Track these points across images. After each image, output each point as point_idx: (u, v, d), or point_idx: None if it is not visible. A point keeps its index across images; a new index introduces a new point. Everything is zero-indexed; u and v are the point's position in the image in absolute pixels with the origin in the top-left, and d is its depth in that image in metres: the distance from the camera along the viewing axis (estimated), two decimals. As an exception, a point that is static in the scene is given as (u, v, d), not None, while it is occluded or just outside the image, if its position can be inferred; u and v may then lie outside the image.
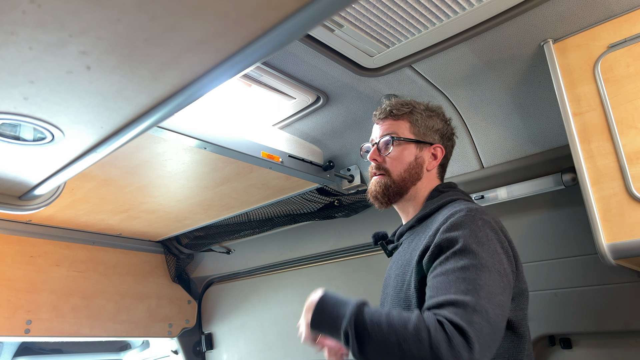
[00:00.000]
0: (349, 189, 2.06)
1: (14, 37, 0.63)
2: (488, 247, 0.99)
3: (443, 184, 1.29)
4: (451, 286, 0.93)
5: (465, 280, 0.92)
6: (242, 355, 2.86)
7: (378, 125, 1.34)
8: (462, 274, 0.94)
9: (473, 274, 0.93)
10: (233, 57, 0.70)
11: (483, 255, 0.97)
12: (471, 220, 1.03)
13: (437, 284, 0.96)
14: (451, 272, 0.95)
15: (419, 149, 1.27)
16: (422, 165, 1.27)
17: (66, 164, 1.08)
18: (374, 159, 1.29)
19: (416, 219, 1.22)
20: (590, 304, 1.59)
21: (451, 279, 0.94)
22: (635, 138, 1.16)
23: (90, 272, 2.48)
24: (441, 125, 1.32)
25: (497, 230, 1.05)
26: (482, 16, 1.26)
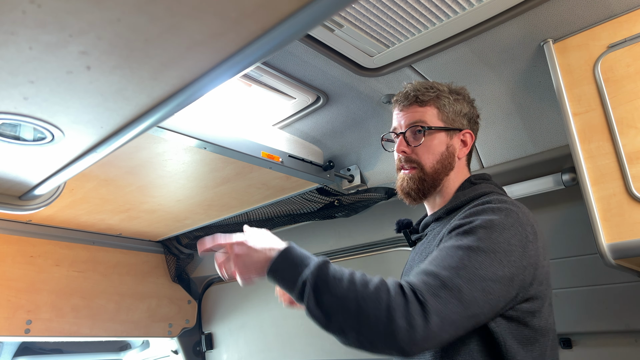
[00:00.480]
0: (349, 189, 2.06)
1: (14, 37, 0.63)
2: (499, 235, 0.93)
3: (476, 175, 1.21)
4: (437, 261, 0.90)
5: (452, 258, 0.89)
6: (242, 355, 2.86)
7: (402, 112, 1.21)
8: (454, 252, 0.91)
9: (464, 253, 0.90)
10: (233, 57, 0.70)
11: (485, 239, 0.91)
12: (494, 209, 0.98)
13: (431, 258, 0.93)
14: (445, 249, 0.92)
15: (449, 137, 1.18)
16: (454, 154, 1.18)
17: (66, 164, 1.08)
18: (402, 150, 1.18)
19: (445, 211, 1.15)
20: (590, 304, 1.59)
21: (442, 255, 0.91)
22: (635, 138, 1.16)
23: (90, 272, 2.48)
24: (468, 108, 1.23)
25: (523, 224, 0.98)
26: (482, 16, 1.26)
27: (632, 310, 1.51)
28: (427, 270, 0.89)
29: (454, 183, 1.20)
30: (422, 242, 1.21)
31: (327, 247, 2.42)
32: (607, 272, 1.54)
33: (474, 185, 1.17)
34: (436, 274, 0.87)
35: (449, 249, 0.92)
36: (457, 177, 1.20)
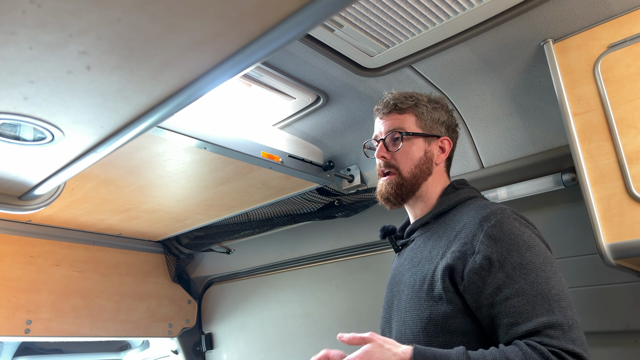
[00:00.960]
0: (349, 189, 2.06)
1: (14, 37, 0.63)
2: (538, 248, 1.00)
3: (457, 181, 1.25)
4: (534, 307, 0.93)
5: (543, 296, 0.93)
6: (242, 355, 2.86)
7: (382, 120, 1.27)
8: (535, 289, 0.94)
9: (544, 285, 0.94)
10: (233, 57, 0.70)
11: (540, 262, 0.97)
12: (509, 223, 1.02)
13: (515, 307, 0.94)
14: (523, 292, 0.94)
15: (427, 143, 1.23)
16: (431, 160, 1.23)
17: (66, 164, 1.08)
18: (382, 156, 1.23)
19: (432, 216, 1.19)
20: (590, 304, 1.59)
21: (529, 299, 0.93)
22: (635, 138, 1.16)
23: (90, 272, 2.48)
24: (446, 117, 1.27)
25: (529, 226, 1.05)
26: (482, 16, 1.26)
27: (632, 310, 1.51)
28: (543, 324, 0.91)
29: (434, 188, 1.23)
30: (410, 247, 1.22)
31: (327, 247, 2.42)
32: (607, 272, 1.54)
33: (457, 190, 1.22)
34: (556, 322, 0.91)
35: (527, 291, 0.94)
36: (436, 183, 1.24)
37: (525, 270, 0.96)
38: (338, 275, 2.43)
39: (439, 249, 1.09)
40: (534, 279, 0.95)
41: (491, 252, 0.99)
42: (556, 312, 0.91)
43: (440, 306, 1.04)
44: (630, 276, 1.49)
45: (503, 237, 1.00)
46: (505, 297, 0.95)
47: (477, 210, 1.08)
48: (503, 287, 0.96)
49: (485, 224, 1.03)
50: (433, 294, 1.05)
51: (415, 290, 1.11)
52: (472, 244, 1.02)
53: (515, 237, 1.00)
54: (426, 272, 1.09)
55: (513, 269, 0.96)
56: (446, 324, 1.03)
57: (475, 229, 1.04)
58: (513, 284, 0.95)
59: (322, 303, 2.48)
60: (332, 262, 2.46)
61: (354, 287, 2.36)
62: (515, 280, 0.96)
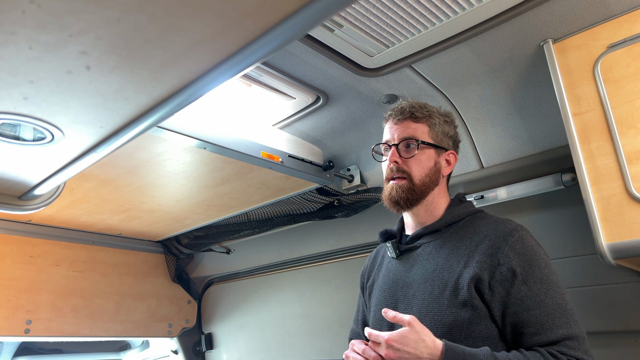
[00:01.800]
0: (348, 189, 2.06)
1: (13, 37, 0.63)
2: (551, 266, 1.11)
3: (461, 194, 1.32)
4: (554, 320, 1.03)
5: (561, 310, 1.04)
6: (242, 355, 2.86)
7: (396, 125, 1.28)
8: (554, 303, 1.05)
9: (560, 300, 1.06)
10: (233, 57, 0.70)
11: (555, 279, 1.09)
12: (529, 240, 1.13)
13: (537, 318, 1.04)
14: (544, 305, 1.05)
15: (437, 154, 1.27)
16: (439, 171, 1.27)
17: (66, 164, 1.08)
18: (394, 161, 1.25)
19: (443, 224, 1.23)
20: (590, 304, 1.59)
21: (549, 312, 1.04)
22: (634, 138, 1.16)
23: (90, 272, 2.48)
24: (453, 132, 1.33)
25: (539, 244, 1.15)
26: (482, 16, 1.26)
27: (632, 310, 1.51)
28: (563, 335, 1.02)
29: (440, 199, 1.28)
30: (417, 254, 1.23)
31: (327, 247, 2.42)
32: (607, 272, 1.54)
33: (463, 202, 1.29)
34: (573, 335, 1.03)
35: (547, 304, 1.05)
36: (441, 193, 1.29)
37: (545, 285, 1.06)
38: (338, 275, 2.43)
39: (460, 257, 1.14)
40: (553, 294, 1.06)
41: (515, 265, 1.08)
42: (572, 325, 1.03)
43: (465, 312, 1.08)
44: (630, 276, 1.49)
45: (525, 253, 1.09)
46: (527, 308, 1.05)
47: (498, 224, 1.16)
48: (526, 299, 1.05)
49: (510, 239, 1.11)
50: (457, 300, 1.09)
51: (435, 297, 1.13)
52: (496, 256, 1.10)
53: (535, 254, 1.10)
54: (447, 279, 1.13)
55: (534, 282, 1.06)
56: (470, 329, 1.08)
57: (499, 242, 1.11)
58: (535, 296, 1.05)
59: (321, 303, 2.48)
60: (331, 262, 2.46)
61: (354, 287, 2.36)
62: (537, 293, 1.05)
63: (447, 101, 1.62)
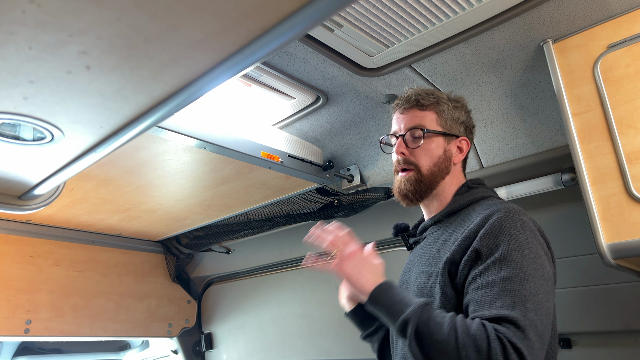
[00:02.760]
0: (348, 189, 2.06)
1: (13, 37, 0.63)
2: (529, 252, 0.97)
3: (472, 180, 1.25)
4: (496, 299, 0.92)
5: (510, 293, 0.91)
6: (242, 355, 2.86)
7: (402, 115, 1.24)
8: (506, 285, 0.93)
9: (517, 284, 0.92)
10: (233, 57, 0.70)
11: (524, 263, 0.95)
12: (510, 222, 1.01)
13: (481, 297, 0.94)
14: (494, 284, 0.94)
15: (446, 142, 1.22)
16: (450, 159, 1.22)
17: (66, 163, 1.08)
18: (401, 152, 1.21)
19: (444, 214, 1.19)
20: (589, 304, 1.59)
21: (495, 292, 0.93)
22: (634, 138, 1.16)
23: (89, 271, 2.48)
24: (465, 117, 1.27)
25: (535, 232, 1.04)
26: (482, 16, 1.26)
27: (632, 310, 1.51)
28: (499, 315, 0.90)
29: (451, 187, 1.23)
30: (421, 245, 1.23)
31: (326, 247, 2.42)
32: (606, 272, 1.54)
33: (471, 189, 1.22)
34: (512, 317, 0.89)
35: (497, 284, 0.94)
36: (453, 182, 1.24)
37: (502, 265, 0.95)
38: (338, 275, 2.43)
39: (448, 248, 1.10)
40: (508, 275, 0.93)
41: (481, 245, 1.00)
42: (516, 309, 0.90)
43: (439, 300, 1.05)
44: (630, 276, 1.49)
45: (497, 234, 1.00)
46: (476, 287, 0.97)
47: (486, 209, 1.09)
48: (477, 278, 0.97)
49: (489, 220, 1.03)
50: (435, 289, 1.07)
51: (420, 287, 1.12)
52: (472, 239, 1.03)
53: (509, 235, 0.99)
54: (432, 269, 1.11)
55: (493, 262, 0.96)
56: None
57: (479, 226, 1.04)
58: (487, 275, 0.96)
59: (321, 303, 2.48)
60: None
61: (354, 287, 2.36)
62: (490, 272, 0.96)
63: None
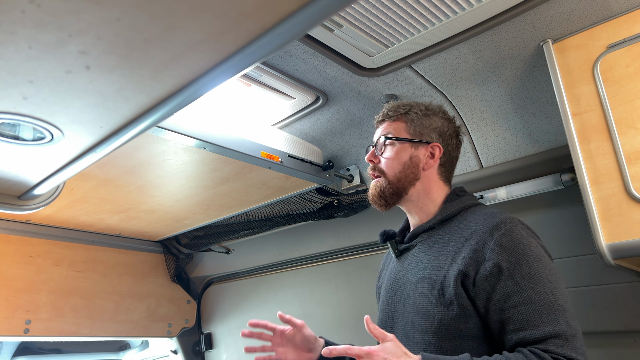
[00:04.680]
0: (348, 189, 2.06)
1: (13, 37, 0.63)
2: (544, 260, 1.04)
3: (458, 188, 1.28)
4: (541, 316, 0.97)
5: (550, 306, 0.98)
6: (242, 355, 2.86)
7: (377, 128, 1.34)
8: (542, 299, 0.98)
9: (551, 296, 0.99)
10: (232, 57, 0.70)
11: (547, 272, 1.02)
12: (519, 233, 1.06)
13: (523, 315, 0.98)
14: (532, 301, 0.99)
15: (414, 148, 1.25)
16: (417, 165, 1.24)
17: (65, 163, 1.08)
18: (370, 159, 1.29)
19: (437, 221, 1.20)
20: (589, 304, 1.59)
21: (536, 308, 0.98)
22: (634, 138, 1.16)
23: (89, 271, 2.48)
24: (440, 123, 1.28)
25: (536, 237, 1.09)
26: (482, 16, 1.26)
27: (631, 310, 1.51)
28: (549, 333, 0.96)
29: (431, 195, 1.25)
30: (413, 252, 1.23)
31: (326, 247, 2.42)
32: (606, 272, 1.54)
33: (460, 197, 1.24)
34: (561, 332, 0.95)
35: (534, 300, 0.99)
36: (432, 189, 1.25)
37: (533, 280, 1.00)
38: (337, 275, 2.43)
39: (447, 255, 1.11)
40: (542, 289, 0.99)
41: (501, 260, 1.02)
42: (561, 322, 0.96)
43: (452, 311, 1.05)
44: (630, 276, 1.49)
45: (513, 247, 1.03)
46: (513, 305, 0.99)
47: (487, 218, 1.11)
48: (512, 295, 1.00)
49: (496, 233, 1.05)
50: (444, 299, 1.07)
51: (424, 296, 1.11)
52: (482, 251, 1.05)
53: (524, 247, 1.03)
54: (435, 277, 1.11)
55: (522, 278, 1.00)
56: (457, 328, 1.05)
57: (485, 237, 1.06)
58: (521, 292, 0.99)
59: (321, 303, 2.48)
60: (331, 262, 2.46)
61: (353, 287, 2.36)
62: (523, 289, 1.00)
63: (447, 101, 1.62)
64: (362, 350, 0.95)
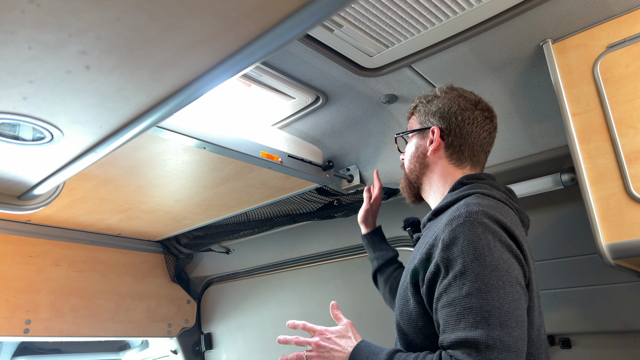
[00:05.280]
0: (348, 189, 2.06)
1: (13, 37, 0.63)
2: (491, 259, 0.92)
3: (468, 176, 1.16)
4: (460, 320, 0.89)
5: (473, 311, 0.88)
6: (241, 355, 2.86)
7: None
8: (468, 302, 0.89)
9: (479, 299, 0.88)
10: (232, 57, 0.70)
11: (485, 274, 0.90)
12: (469, 229, 0.95)
13: (445, 317, 0.93)
14: (456, 302, 0.91)
15: (419, 138, 1.26)
16: (424, 154, 1.23)
17: (65, 163, 1.08)
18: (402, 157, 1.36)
19: (433, 212, 1.17)
20: (589, 304, 1.59)
21: (458, 311, 0.90)
22: (634, 138, 1.16)
23: (89, 271, 2.48)
24: (441, 104, 1.22)
25: (500, 233, 0.96)
26: (482, 16, 1.26)
27: (631, 310, 1.51)
28: (460, 339, 0.88)
29: (442, 182, 1.21)
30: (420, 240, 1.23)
31: (326, 247, 2.42)
32: (606, 272, 1.54)
33: (464, 185, 1.15)
34: (472, 339, 0.86)
35: (459, 302, 0.91)
36: (443, 176, 1.20)
37: (464, 281, 0.91)
38: (337, 275, 2.43)
39: (422, 248, 1.07)
40: (470, 291, 0.90)
41: (441, 258, 0.96)
42: (479, 328, 0.86)
43: (408, 307, 1.07)
44: (629, 276, 1.49)
45: (455, 243, 0.95)
46: (442, 305, 0.94)
47: (452, 212, 1.03)
48: (443, 295, 0.94)
49: (447, 228, 0.98)
50: (406, 293, 1.08)
51: (403, 287, 1.13)
52: (435, 247, 1.00)
53: (467, 243, 0.93)
54: (408, 269, 1.11)
55: (454, 277, 0.93)
56: (415, 324, 1.05)
57: (440, 232, 1.00)
58: (451, 292, 0.92)
59: (321, 303, 2.48)
60: (331, 262, 2.46)
61: (353, 287, 2.36)
62: (453, 289, 0.92)
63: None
64: (313, 328, 1.18)
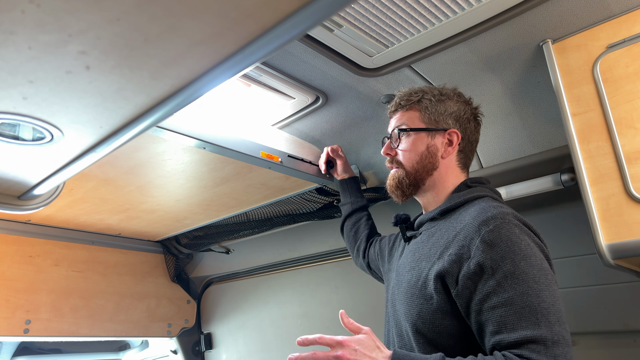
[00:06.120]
0: (348, 189, 2.05)
1: (13, 37, 0.63)
2: (534, 259, 0.96)
3: (472, 179, 1.22)
4: (520, 319, 0.91)
5: (531, 309, 0.90)
6: (241, 355, 2.86)
7: (390, 118, 1.31)
8: (524, 300, 0.91)
9: (535, 298, 0.91)
10: (232, 57, 0.70)
11: (535, 273, 0.94)
12: (509, 230, 0.99)
13: (501, 317, 0.93)
14: (511, 302, 0.92)
15: (430, 137, 1.22)
16: (435, 154, 1.21)
17: (65, 163, 1.08)
18: (387, 153, 1.28)
19: (439, 212, 1.18)
20: (589, 304, 1.59)
21: (516, 310, 0.91)
22: (634, 138, 1.16)
23: (89, 272, 2.48)
24: (456, 107, 1.24)
25: (530, 234, 1.02)
26: (482, 16, 1.26)
27: (631, 310, 1.52)
28: (526, 337, 0.89)
29: (444, 183, 1.22)
30: (416, 240, 1.23)
31: (326, 247, 2.42)
32: (606, 272, 1.54)
33: (470, 188, 1.20)
34: (539, 337, 0.88)
35: (515, 302, 0.92)
36: (447, 177, 1.23)
37: (516, 280, 0.93)
38: (337, 275, 2.43)
39: (438, 248, 1.09)
40: (524, 290, 0.92)
41: (485, 258, 0.97)
42: (542, 326, 0.89)
43: (429, 306, 1.05)
44: (629, 276, 1.49)
45: (499, 244, 0.97)
46: (493, 306, 0.94)
47: (479, 212, 1.05)
48: (492, 295, 0.95)
49: (484, 229, 1.00)
50: (425, 292, 1.06)
51: (411, 286, 1.12)
52: (468, 248, 1.00)
53: (511, 244, 0.97)
54: (422, 269, 1.10)
55: (504, 277, 0.94)
56: (434, 324, 1.04)
57: (473, 233, 1.01)
58: (502, 293, 0.94)
59: (321, 303, 2.48)
60: (331, 262, 2.46)
61: (353, 287, 2.36)
62: (505, 289, 0.94)
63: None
64: (333, 340, 0.98)
